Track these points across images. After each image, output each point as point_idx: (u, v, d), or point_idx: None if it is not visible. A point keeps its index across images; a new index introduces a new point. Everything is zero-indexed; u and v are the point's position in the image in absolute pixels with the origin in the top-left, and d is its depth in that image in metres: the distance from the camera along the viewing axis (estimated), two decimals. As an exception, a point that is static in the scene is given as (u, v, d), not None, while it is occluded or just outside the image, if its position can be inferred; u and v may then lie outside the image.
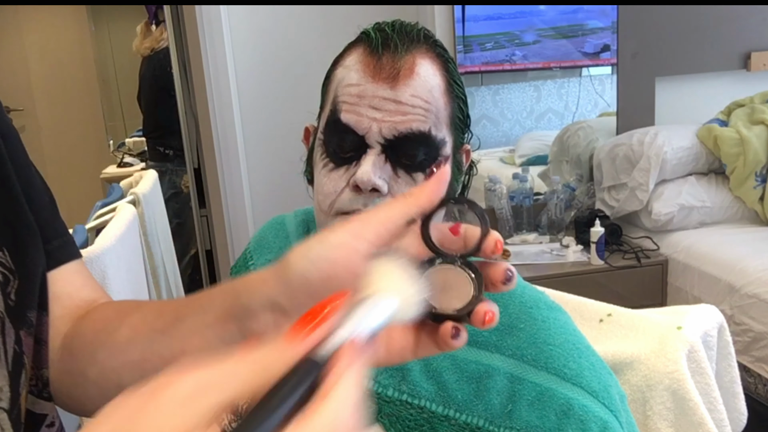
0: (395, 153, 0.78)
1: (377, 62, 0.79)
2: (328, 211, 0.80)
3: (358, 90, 0.79)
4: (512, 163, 2.84)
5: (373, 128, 0.77)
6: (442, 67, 0.83)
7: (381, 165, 0.78)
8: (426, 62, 0.80)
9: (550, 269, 2.28)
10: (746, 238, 2.28)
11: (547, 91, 2.81)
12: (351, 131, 0.78)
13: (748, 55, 2.70)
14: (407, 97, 0.78)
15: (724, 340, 1.03)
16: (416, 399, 0.74)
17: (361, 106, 0.78)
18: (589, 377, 0.73)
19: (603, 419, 0.71)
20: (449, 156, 0.84)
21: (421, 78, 0.79)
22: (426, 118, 0.79)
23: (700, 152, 2.45)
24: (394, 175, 0.79)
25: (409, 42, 0.80)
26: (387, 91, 0.78)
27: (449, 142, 0.84)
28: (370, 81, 0.78)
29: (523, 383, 0.73)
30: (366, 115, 0.78)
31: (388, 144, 0.78)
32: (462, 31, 2.55)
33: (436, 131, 0.80)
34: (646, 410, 0.91)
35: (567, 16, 2.65)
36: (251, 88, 2.48)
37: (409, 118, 0.78)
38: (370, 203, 0.78)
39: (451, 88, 0.84)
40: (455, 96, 0.85)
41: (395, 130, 0.77)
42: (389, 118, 0.77)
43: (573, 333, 0.78)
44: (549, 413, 0.71)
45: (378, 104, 0.78)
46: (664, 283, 2.34)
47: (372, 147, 0.78)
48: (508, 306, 0.78)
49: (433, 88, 0.80)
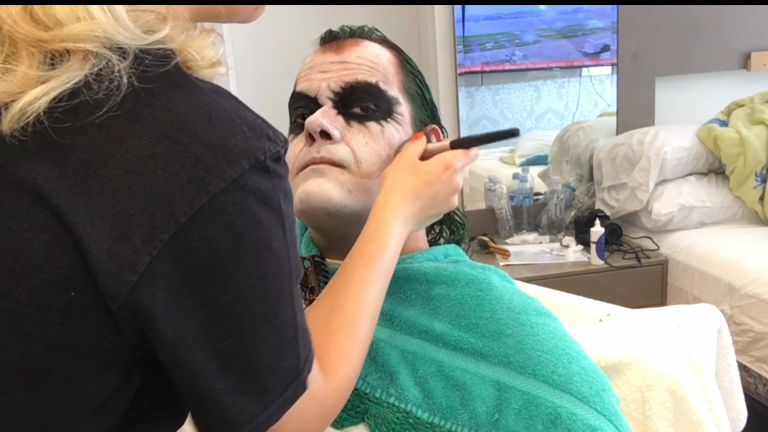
0: (346, 106, 0.82)
1: (327, 44, 0.86)
2: (294, 173, 0.82)
3: (309, 64, 0.86)
4: (512, 163, 2.84)
5: (322, 86, 0.82)
6: (391, 49, 0.88)
7: (332, 116, 0.81)
8: (373, 42, 0.87)
9: (550, 269, 2.28)
10: (746, 238, 2.28)
11: (547, 91, 2.81)
12: (304, 96, 0.84)
13: (748, 55, 2.70)
14: (353, 57, 0.84)
15: (724, 340, 1.03)
16: (403, 403, 0.73)
17: (312, 74, 0.84)
18: (579, 383, 0.72)
19: (592, 426, 0.69)
20: (407, 119, 0.85)
21: (367, 48, 0.85)
22: (372, 73, 0.83)
23: (700, 152, 2.45)
24: (347, 125, 0.82)
25: (358, 32, 0.87)
26: (333, 56, 0.84)
27: (405, 105, 0.86)
28: (320, 54, 0.85)
29: (510, 391, 0.71)
30: (315, 79, 0.83)
31: (338, 98, 0.82)
32: (462, 31, 2.55)
33: (386, 87, 0.83)
34: (646, 410, 0.91)
35: (567, 16, 2.65)
36: (251, 88, 2.48)
37: (354, 71, 0.82)
38: (323, 150, 0.80)
39: (404, 65, 0.88)
40: (409, 72, 0.88)
41: (342, 82, 0.82)
42: (336, 74, 0.83)
43: (563, 339, 0.77)
44: (536, 423, 0.69)
45: (326, 68, 0.83)
46: (664, 283, 2.34)
47: (324, 104, 0.82)
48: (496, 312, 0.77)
49: (380, 56, 0.85)
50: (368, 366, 0.76)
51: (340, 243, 0.85)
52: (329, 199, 0.78)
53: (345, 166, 0.79)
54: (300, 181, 0.80)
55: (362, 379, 0.75)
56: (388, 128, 0.82)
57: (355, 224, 0.81)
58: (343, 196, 0.79)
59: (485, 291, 0.79)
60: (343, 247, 0.85)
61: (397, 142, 0.83)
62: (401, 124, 0.84)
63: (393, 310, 0.79)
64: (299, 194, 0.79)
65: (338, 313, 0.66)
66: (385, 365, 0.75)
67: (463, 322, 0.77)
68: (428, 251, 0.87)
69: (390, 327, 0.79)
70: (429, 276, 0.81)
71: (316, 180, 0.79)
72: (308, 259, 0.85)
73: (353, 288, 0.68)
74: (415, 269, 0.82)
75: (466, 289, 0.79)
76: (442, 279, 0.80)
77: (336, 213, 0.79)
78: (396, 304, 0.80)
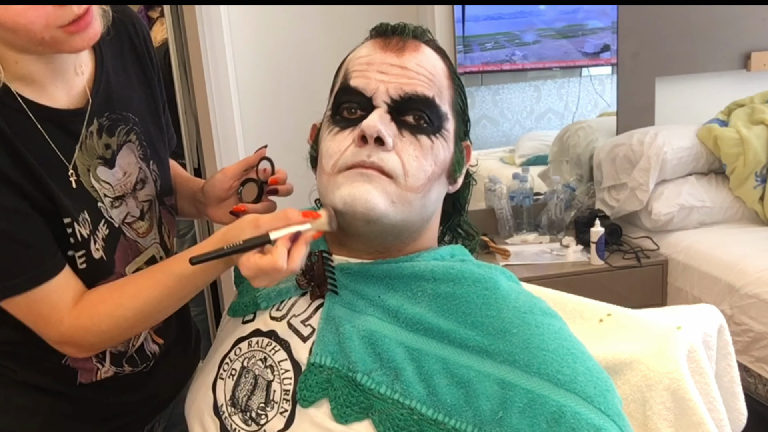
0: (400, 114, 0.82)
1: (386, 39, 0.84)
2: (332, 171, 0.82)
3: (367, 59, 0.84)
4: (512, 163, 2.84)
5: (380, 89, 0.81)
6: (444, 58, 0.88)
7: (387, 122, 0.81)
8: (430, 49, 0.86)
9: (550, 269, 2.28)
10: (746, 238, 2.28)
11: (547, 91, 2.80)
12: (359, 93, 0.82)
13: (748, 55, 2.70)
14: (413, 65, 0.83)
15: (724, 340, 1.03)
16: (407, 399, 0.73)
17: (370, 72, 0.82)
18: (583, 382, 0.72)
19: (596, 426, 0.69)
20: (452, 135, 0.86)
21: (425, 55, 0.84)
22: (430, 87, 0.83)
23: (700, 152, 2.45)
24: (399, 134, 0.81)
25: (417, 33, 0.86)
26: (394, 58, 0.83)
27: (452, 121, 0.86)
28: (379, 51, 0.83)
29: (514, 389, 0.71)
30: (374, 78, 0.82)
31: (394, 105, 0.81)
32: (462, 31, 2.55)
33: (440, 102, 0.83)
34: (646, 410, 0.91)
35: (567, 16, 2.65)
36: (251, 88, 2.48)
37: (414, 82, 0.82)
38: (374, 155, 0.79)
39: (453, 76, 0.89)
40: (456, 85, 0.89)
41: (401, 91, 0.81)
42: (395, 80, 0.82)
43: (567, 338, 0.77)
44: (540, 421, 0.69)
45: (385, 69, 0.82)
46: (664, 283, 2.34)
47: (379, 107, 0.81)
48: (502, 311, 0.77)
49: (436, 66, 0.85)
50: (373, 362, 0.76)
51: (360, 245, 0.85)
52: (374, 208, 0.78)
53: (393, 177, 0.79)
54: (344, 181, 0.80)
55: (367, 375, 0.76)
56: (437, 144, 0.83)
57: (388, 232, 0.82)
58: (386, 207, 0.79)
59: (491, 290, 0.79)
60: (360, 249, 0.85)
61: (442, 159, 0.83)
62: (447, 141, 0.85)
63: (399, 306, 0.80)
64: (343, 195, 0.79)
65: (119, 290, 0.86)
66: (391, 362, 0.76)
67: (469, 320, 0.77)
68: (435, 250, 0.88)
69: (396, 324, 0.79)
70: (436, 274, 0.81)
71: (363, 186, 0.78)
72: (315, 254, 0.85)
73: (145, 284, 0.85)
74: (422, 267, 0.82)
75: (472, 288, 0.80)
76: (449, 277, 0.81)
77: (375, 221, 0.79)
78: (402, 301, 0.80)
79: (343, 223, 0.82)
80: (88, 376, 0.93)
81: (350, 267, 0.85)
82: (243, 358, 0.85)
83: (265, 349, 0.83)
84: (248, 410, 0.80)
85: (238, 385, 0.83)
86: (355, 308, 0.81)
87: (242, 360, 0.85)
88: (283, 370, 0.80)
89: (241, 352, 0.85)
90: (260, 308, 0.88)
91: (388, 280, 0.83)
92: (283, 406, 0.78)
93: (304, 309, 0.85)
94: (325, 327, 0.81)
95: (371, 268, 0.84)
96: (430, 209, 0.86)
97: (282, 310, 0.86)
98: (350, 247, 0.86)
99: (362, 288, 0.83)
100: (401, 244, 0.86)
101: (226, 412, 0.83)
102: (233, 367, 0.85)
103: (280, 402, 0.79)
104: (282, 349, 0.82)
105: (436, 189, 0.85)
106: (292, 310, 0.85)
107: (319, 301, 0.84)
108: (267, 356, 0.82)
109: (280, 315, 0.86)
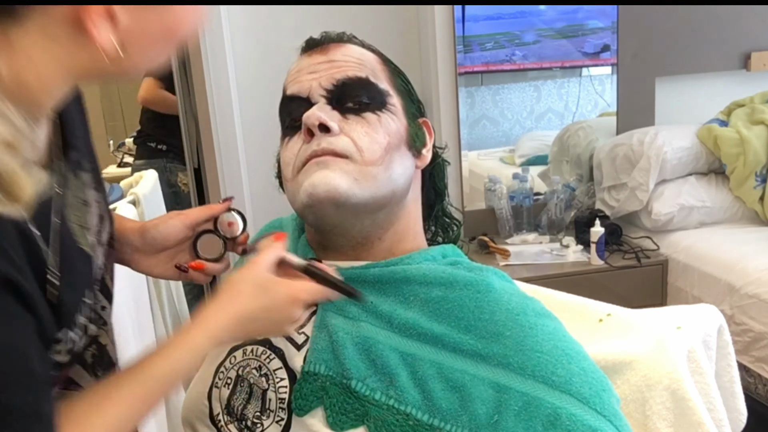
0: (340, 102, 0.83)
1: (311, 49, 0.87)
2: (293, 176, 0.83)
3: (296, 68, 0.86)
4: (512, 163, 2.84)
5: (313, 86, 0.83)
6: (373, 51, 0.89)
7: (328, 110, 0.81)
8: (355, 45, 0.88)
9: (550, 269, 2.28)
10: (746, 238, 2.28)
11: (547, 91, 2.80)
12: (297, 98, 0.84)
13: (748, 55, 2.70)
14: (339, 56, 0.84)
15: (724, 340, 1.03)
16: (402, 405, 0.73)
17: (301, 76, 0.84)
18: (578, 383, 0.72)
19: (592, 427, 0.69)
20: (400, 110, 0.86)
21: (351, 48, 0.86)
22: (361, 69, 0.84)
23: (700, 152, 2.45)
24: (343, 118, 0.82)
25: (341, 36, 0.88)
26: (320, 57, 0.85)
27: (396, 98, 0.87)
28: (306, 58, 0.86)
29: (509, 392, 0.71)
30: (305, 80, 0.84)
31: (331, 95, 0.82)
32: (462, 31, 2.55)
33: (376, 80, 0.84)
34: (646, 410, 0.91)
35: (567, 16, 2.65)
36: (251, 88, 2.48)
37: (343, 68, 0.83)
38: (323, 142, 0.80)
39: (388, 63, 0.90)
40: (394, 70, 0.90)
41: (333, 79, 0.82)
42: (325, 72, 0.83)
43: (562, 339, 0.77)
44: (536, 423, 0.69)
45: (314, 68, 0.84)
46: (664, 283, 2.34)
47: (317, 102, 0.82)
48: (495, 313, 0.77)
49: (364, 53, 0.87)
50: (367, 368, 0.76)
51: (341, 240, 0.85)
52: (336, 188, 0.78)
53: (348, 156, 0.79)
54: (303, 177, 0.80)
55: (362, 381, 0.75)
56: (384, 117, 0.83)
57: (361, 215, 0.81)
58: (350, 185, 0.78)
59: (484, 293, 0.79)
60: (343, 245, 0.85)
61: (394, 130, 0.83)
62: (396, 114, 0.85)
63: (392, 311, 0.79)
64: (305, 188, 0.79)
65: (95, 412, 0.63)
66: (385, 367, 0.75)
67: (462, 324, 0.76)
68: (426, 251, 0.87)
69: (389, 329, 0.78)
70: (428, 278, 0.81)
71: (321, 172, 0.79)
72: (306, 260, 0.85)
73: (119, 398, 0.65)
74: (414, 270, 0.82)
75: (464, 291, 0.79)
76: (441, 281, 0.80)
77: (344, 202, 0.78)
78: (395, 306, 0.80)
79: (314, 219, 0.82)
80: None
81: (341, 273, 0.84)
82: (238, 366, 0.84)
83: (260, 358, 0.83)
84: (244, 419, 0.80)
85: (233, 394, 0.83)
86: (347, 315, 0.81)
87: (237, 368, 0.84)
88: (279, 378, 0.80)
89: (236, 361, 0.85)
90: None
91: (380, 285, 0.82)
92: (279, 415, 0.78)
93: None
94: (319, 335, 0.80)
95: (362, 273, 0.83)
96: (399, 182, 0.83)
97: None
98: (333, 246, 0.86)
99: None
100: (380, 230, 0.85)
101: (222, 420, 0.82)
102: (228, 376, 0.84)
103: (275, 410, 0.78)
104: (277, 357, 0.82)
105: (399, 160, 0.83)
106: None
107: (312, 309, 0.83)
108: (262, 364, 0.82)
109: None
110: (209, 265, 0.87)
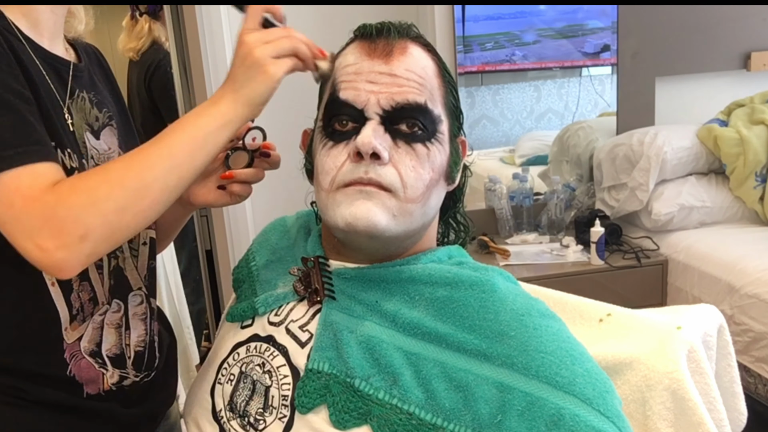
0: (393, 124, 0.80)
1: (372, 44, 0.83)
2: (330, 188, 0.81)
3: (354, 68, 0.82)
4: (512, 163, 2.84)
5: (371, 100, 0.80)
6: (432, 55, 0.86)
7: (381, 134, 0.79)
8: (417, 47, 0.85)
9: (550, 269, 2.28)
10: (746, 238, 2.28)
11: (547, 91, 2.81)
12: (350, 106, 0.81)
13: (748, 55, 2.70)
14: (402, 71, 0.81)
15: (724, 340, 1.03)
16: (406, 404, 0.73)
17: (359, 82, 0.81)
18: (582, 384, 0.72)
19: (595, 428, 0.69)
20: (446, 137, 0.85)
21: (414, 57, 0.83)
22: (421, 92, 0.82)
23: (700, 152, 2.45)
24: (394, 145, 0.81)
25: (402, 31, 0.85)
26: (382, 66, 0.81)
27: (446, 122, 0.85)
28: (366, 59, 0.82)
29: (512, 392, 0.71)
30: (363, 89, 0.80)
31: (387, 115, 0.80)
32: (462, 31, 2.55)
33: (432, 106, 0.82)
34: (646, 410, 0.91)
35: (567, 16, 2.65)
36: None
37: (404, 89, 0.80)
38: (371, 171, 0.79)
39: (443, 74, 0.87)
40: (447, 82, 0.88)
41: (392, 101, 0.80)
42: (386, 89, 0.80)
43: (566, 340, 0.77)
44: (539, 424, 0.69)
45: (374, 78, 0.81)
46: (664, 283, 2.34)
47: (371, 118, 0.80)
48: (500, 314, 0.77)
49: (426, 67, 0.84)
50: (371, 367, 0.76)
51: (356, 254, 0.85)
52: (376, 225, 0.78)
53: (392, 191, 0.79)
54: (344, 199, 0.79)
55: (365, 380, 0.75)
56: (432, 150, 0.82)
57: (391, 244, 0.82)
58: (388, 221, 0.79)
59: (489, 293, 0.79)
60: (357, 257, 0.85)
61: (439, 164, 0.83)
62: (442, 144, 0.84)
63: (397, 311, 0.79)
64: (344, 215, 0.79)
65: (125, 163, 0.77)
66: (389, 367, 0.75)
67: (467, 324, 0.77)
68: (432, 252, 0.87)
69: (393, 328, 0.79)
70: (433, 278, 0.81)
71: (364, 204, 0.78)
72: (311, 260, 0.85)
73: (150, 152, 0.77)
74: (419, 270, 0.82)
75: (469, 291, 0.79)
76: (446, 281, 0.81)
77: (378, 236, 0.79)
78: (400, 306, 0.80)
79: (345, 238, 0.82)
80: (94, 387, 0.91)
81: (347, 272, 0.85)
82: (241, 363, 0.84)
83: (264, 354, 0.83)
84: (246, 415, 0.80)
85: (236, 391, 0.83)
86: (352, 313, 0.81)
87: (240, 365, 0.84)
88: (282, 375, 0.80)
89: (240, 357, 0.85)
90: (258, 313, 0.88)
91: (385, 285, 0.82)
92: (282, 412, 0.78)
93: (302, 314, 0.85)
94: (323, 333, 0.80)
95: (368, 272, 0.83)
96: (430, 215, 0.86)
97: (280, 316, 0.86)
98: (349, 256, 0.86)
99: (359, 293, 0.83)
100: (402, 250, 0.86)
101: (224, 417, 0.83)
102: (231, 372, 0.84)
103: (278, 407, 0.79)
104: (280, 355, 0.82)
105: (436, 194, 0.85)
106: (290, 316, 0.85)
107: (316, 307, 0.83)
108: (265, 361, 0.82)
109: (278, 320, 0.86)
110: (238, 171, 0.95)
